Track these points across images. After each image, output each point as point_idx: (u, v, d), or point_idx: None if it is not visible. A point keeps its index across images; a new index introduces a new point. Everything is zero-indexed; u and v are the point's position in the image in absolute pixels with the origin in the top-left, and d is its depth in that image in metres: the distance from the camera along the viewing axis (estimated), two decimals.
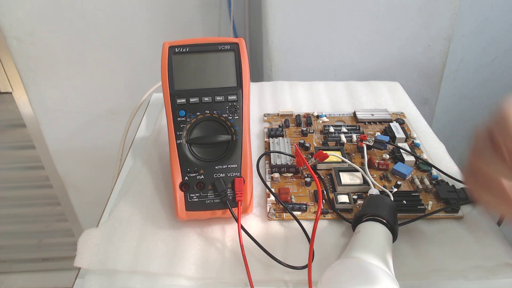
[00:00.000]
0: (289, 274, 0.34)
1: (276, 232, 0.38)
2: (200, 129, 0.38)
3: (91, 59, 0.91)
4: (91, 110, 0.99)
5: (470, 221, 0.38)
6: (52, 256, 1.33)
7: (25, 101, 0.96)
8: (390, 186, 0.42)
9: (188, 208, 0.37)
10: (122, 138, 0.60)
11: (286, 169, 0.44)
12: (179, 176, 0.37)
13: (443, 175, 0.43)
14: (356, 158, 0.46)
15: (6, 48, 0.88)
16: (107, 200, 0.44)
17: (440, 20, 0.67)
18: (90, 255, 0.35)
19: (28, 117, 0.99)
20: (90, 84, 0.95)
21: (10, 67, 0.90)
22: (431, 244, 0.36)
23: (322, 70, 0.72)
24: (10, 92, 0.94)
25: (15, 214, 1.21)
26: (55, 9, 0.84)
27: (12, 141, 1.04)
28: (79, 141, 1.04)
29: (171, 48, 0.38)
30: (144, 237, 0.37)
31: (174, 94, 0.38)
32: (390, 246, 0.32)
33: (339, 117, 0.54)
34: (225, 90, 0.38)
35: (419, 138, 0.50)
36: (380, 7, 0.66)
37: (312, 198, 0.41)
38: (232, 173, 0.38)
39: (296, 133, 0.51)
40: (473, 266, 0.34)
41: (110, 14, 0.85)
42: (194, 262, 0.35)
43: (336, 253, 0.35)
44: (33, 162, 1.08)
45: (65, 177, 1.12)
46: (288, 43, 0.69)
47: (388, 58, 0.71)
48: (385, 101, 0.58)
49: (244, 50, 0.38)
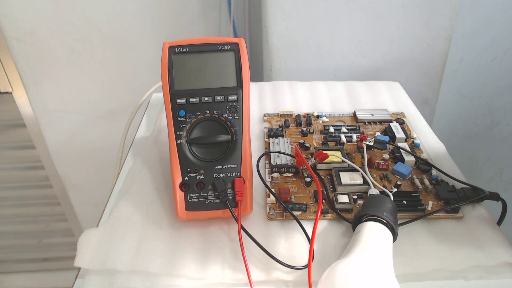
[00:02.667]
0: (289, 274, 0.34)
1: (276, 232, 0.38)
2: (200, 129, 0.38)
3: (91, 59, 0.91)
4: (91, 110, 0.99)
5: (470, 221, 0.38)
6: (52, 256, 1.33)
7: (25, 101, 0.96)
8: (390, 186, 0.42)
9: (188, 208, 0.37)
10: (122, 138, 0.61)
11: (286, 169, 0.44)
12: (179, 176, 0.37)
13: (443, 175, 0.43)
14: (356, 158, 0.46)
15: (6, 48, 0.88)
16: (107, 200, 0.44)
17: (440, 20, 0.67)
18: (90, 255, 0.35)
19: (28, 117, 0.99)
20: (90, 84, 0.95)
21: (10, 67, 0.90)
22: (431, 244, 0.36)
23: (322, 70, 0.72)
24: (10, 92, 0.94)
25: (15, 214, 1.21)
26: (55, 9, 0.84)
27: (12, 141, 1.04)
28: (79, 141, 1.04)
29: (171, 48, 0.38)
30: (144, 237, 0.37)
31: (174, 94, 0.38)
32: (390, 246, 0.32)
33: (339, 117, 0.54)
34: (225, 90, 0.38)
35: (419, 138, 0.50)
36: (380, 7, 0.66)
37: (312, 198, 0.41)
38: (232, 173, 0.38)
39: (296, 133, 0.51)
40: (473, 266, 0.34)
41: (110, 14, 0.85)
42: (194, 262, 0.35)
43: (336, 253, 0.35)
44: (33, 162, 1.08)
45: (65, 177, 1.12)
46: (288, 43, 0.69)
47: (388, 58, 0.71)
48: (385, 101, 0.58)
49: (244, 50, 0.38)
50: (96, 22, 0.86)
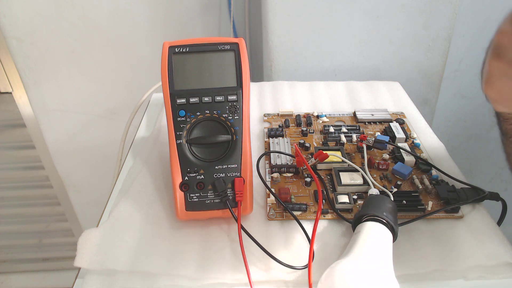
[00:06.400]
0: (289, 274, 0.34)
1: (276, 232, 0.38)
2: (200, 129, 0.38)
3: (91, 59, 0.91)
4: (91, 110, 0.99)
5: (470, 221, 0.38)
6: (52, 256, 1.33)
7: (25, 101, 0.96)
8: (390, 186, 0.42)
9: (188, 208, 0.37)
10: (122, 138, 0.61)
11: (286, 169, 0.44)
12: (179, 176, 0.37)
13: (443, 175, 0.43)
14: (356, 158, 0.46)
15: (6, 48, 0.88)
16: (107, 200, 0.44)
17: (440, 20, 0.67)
18: (90, 255, 0.35)
19: (28, 117, 0.99)
20: (90, 84, 0.95)
21: (10, 67, 0.90)
22: (431, 244, 0.36)
23: (322, 70, 0.72)
24: (10, 92, 0.94)
25: (15, 214, 1.21)
26: (55, 9, 0.84)
27: (12, 141, 1.04)
28: (79, 141, 1.04)
29: (171, 48, 0.38)
30: (144, 237, 0.37)
31: (174, 94, 0.38)
32: (390, 246, 0.32)
33: (339, 117, 0.54)
34: (225, 90, 0.38)
35: (419, 138, 0.50)
36: (380, 7, 0.66)
37: (312, 198, 0.41)
38: (232, 173, 0.38)
39: (296, 133, 0.51)
40: (473, 266, 0.34)
41: (110, 14, 0.85)
42: (194, 262, 0.35)
43: (336, 253, 0.35)
44: (33, 162, 1.08)
45: (65, 177, 1.12)
46: (288, 43, 0.69)
47: (388, 58, 0.71)
48: (385, 101, 0.58)
49: (244, 50, 0.38)
50: (96, 22, 0.86)
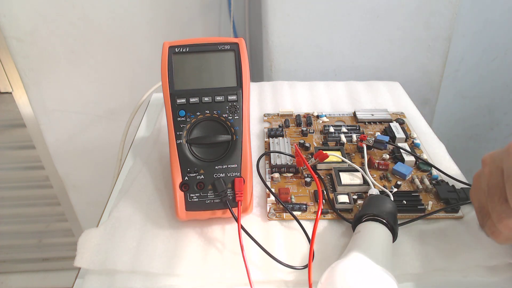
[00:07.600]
0: (289, 274, 0.34)
1: (276, 232, 0.38)
2: (200, 129, 0.38)
3: (91, 59, 0.91)
4: (91, 110, 0.99)
5: (470, 221, 0.38)
6: (52, 256, 1.33)
7: (25, 101, 0.96)
8: (390, 186, 0.42)
9: (188, 208, 0.37)
10: (122, 138, 0.61)
11: (286, 169, 0.44)
12: (179, 176, 0.37)
13: (443, 175, 0.43)
14: (356, 158, 0.46)
15: (6, 48, 0.88)
16: (107, 200, 0.44)
17: (440, 20, 0.67)
18: (90, 255, 0.35)
19: (28, 117, 0.99)
20: (90, 84, 0.95)
21: (10, 67, 0.90)
22: (431, 244, 0.36)
23: (322, 70, 0.72)
24: (10, 92, 0.94)
25: (15, 214, 1.21)
26: (55, 9, 0.84)
27: (12, 141, 1.04)
28: (79, 141, 1.04)
29: (171, 48, 0.38)
30: (144, 237, 0.37)
31: (174, 94, 0.38)
32: (390, 246, 0.32)
33: (339, 117, 0.54)
34: (225, 90, 0.38)
35: (419, 138, 0.50)
36: (380, 7, 0.66)
37: (312, 198, 0.41)
38: (232, 173, 0.38)
39: (296, 133, 0.51)
40: (473, 266, 0.34)
41: (110, 14, 0.85)
42: (194, 262, 0.35)
43: (336, 253, 0.35)
44: (33, 162, 1.08)
45: (65, 177, 1.12)
46: (288, 43, 0.69)
47: (388, 58, 0.71)
48: (385, 101, 0.58)
49: (244, 50, 0.38)
50: (96, 22, 0.86)
